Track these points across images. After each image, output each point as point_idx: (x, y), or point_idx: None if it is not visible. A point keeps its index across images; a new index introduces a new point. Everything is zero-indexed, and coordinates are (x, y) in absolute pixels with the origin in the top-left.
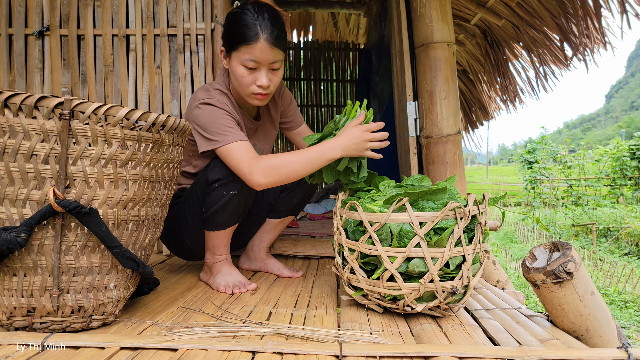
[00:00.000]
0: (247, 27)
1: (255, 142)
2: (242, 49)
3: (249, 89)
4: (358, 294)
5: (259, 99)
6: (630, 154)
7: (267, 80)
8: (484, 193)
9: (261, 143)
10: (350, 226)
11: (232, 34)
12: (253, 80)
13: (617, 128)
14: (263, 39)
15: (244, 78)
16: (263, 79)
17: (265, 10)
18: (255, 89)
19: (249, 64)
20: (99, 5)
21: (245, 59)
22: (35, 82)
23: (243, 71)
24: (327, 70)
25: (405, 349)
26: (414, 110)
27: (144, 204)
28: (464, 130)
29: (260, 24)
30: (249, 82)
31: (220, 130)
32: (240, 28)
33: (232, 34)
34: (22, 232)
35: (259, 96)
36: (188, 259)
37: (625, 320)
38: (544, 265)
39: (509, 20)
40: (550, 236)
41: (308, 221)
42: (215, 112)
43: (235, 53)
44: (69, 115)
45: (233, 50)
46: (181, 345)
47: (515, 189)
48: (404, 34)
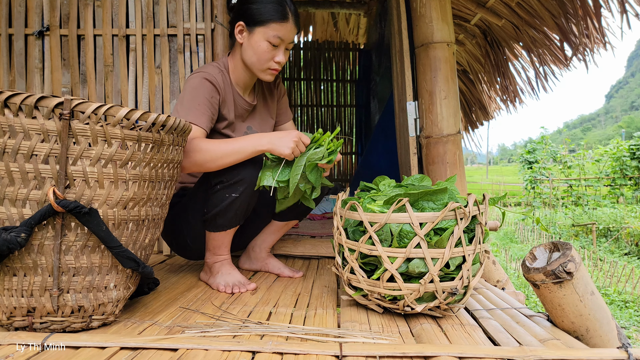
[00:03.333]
0: (281, 5)
1: (251, 124)
2: (272, 25)
3: (266, 64)
4: (358, 294)
5: (271, 74)
6: (630, 154)
7: (284, 57)
8: (484, 193)
9: (257, 127)
10: (351, 226)
11: (261, 10)
12: (272, 57)
13: (617, 128)
14: (292, 19)
15: (266, 53)
16: (282, 56)
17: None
18: (273, 65)
19: (274, 41)
20: (99, 5)
21: (272, 36)
22: (35, 82)
23: (267, 46)
24: (327, 70)
25: (405, 349)
26: (414, 110)
27: (144, 204)
28: (464, 130)
29: (289, 5)
30: (268, 57)
31: (188, 106)
32: (274, 5)
33: (261, 10)
34: (22, 232)
35: (273, 71)
36: (189, 258)
37: (625, 320)
38: (544, 265)
39: (509, 20)
40: (550, 236)
41: (308, 221)
42: (200, 85)
43: (261, 28)
44: (69, 115)
45: (259, 25)
46: (181, 345)
47: (515, 189)
48: (404, 34)
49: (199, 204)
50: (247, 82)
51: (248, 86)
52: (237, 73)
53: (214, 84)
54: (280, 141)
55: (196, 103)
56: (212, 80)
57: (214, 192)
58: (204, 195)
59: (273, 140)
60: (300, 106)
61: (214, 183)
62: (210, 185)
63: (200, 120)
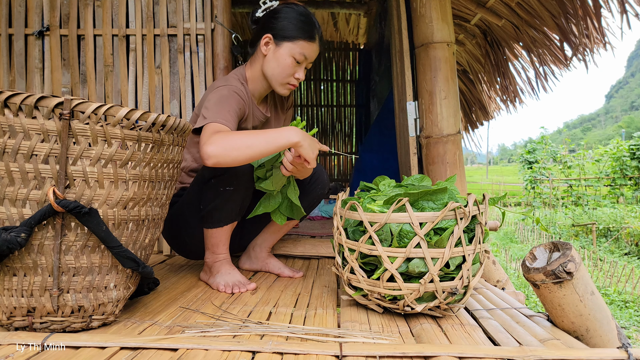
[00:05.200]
0: (311, 26)
1: None
2: (300, 42)
3: (287, 79)
4: (358, 294)
5: (288, 89)
6: (630, 154)
7: (303, 75)
8: (484, 193)
9: None
10: (351, 226)
11: (292, 26)
12: (293, 72)
13: (617, 128)
14: (318, 40)
15: (289, 68)
16: (302, 74)
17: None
18: (292, 80)
19: (299, 57)
20: (99, 5)
21: (299, 52)
22: (35, 82)
23: (292, 62)
24: (327, 70)
25: (405, 349)
26: (414, 110)
27: (144, 204)
28: (464, 130)
29: (317, 26)
30: (290, 72)
31: (218, 110)
32: (304, 24)
33: (292, 26)
34: (22, 232)
35: (291, 86)
36: (189, 258)
37: (625, 320)
38: (544, 265)
39: (509, 20)
40: (550, 236)
41: (308, 221)
42: (228, 96)
43: (288, 43)
44: (69, 115)
45: (287, 40)
46: (181, 345)
47: (515, 189)
48: (404, 34)
49: (196, 202)
50: (262, 93)
51: (262, 96)
52: (255, 84)
53: (242, 98)
54: (311, 141)
55: (226, 110)
56: (240, 95)
57: (208, 187)
58: (199, 192)
59: (305, 139)
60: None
61: (209, 177)
62: (205, 180)
63: (230, 122)
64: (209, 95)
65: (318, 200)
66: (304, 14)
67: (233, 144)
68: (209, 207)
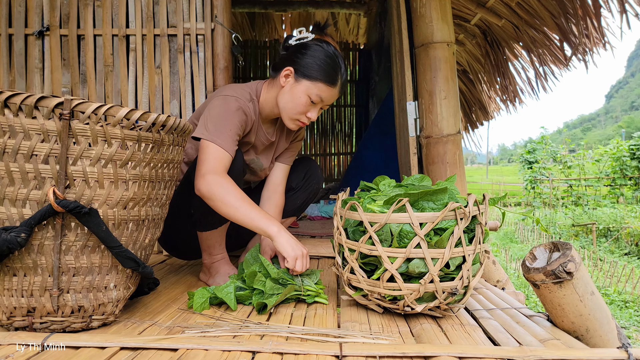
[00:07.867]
0: (334, 70)
1: (260, 157)
2: (319, 85)
3: (298, 115)
4: (358, 294)
5: (297, 125)
6: (630, 154)
7: (316, 116)
8: (484, 193)
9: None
10: (351, 226)
11: (315, 66)
12: (306, 111)
13: (617, 128)
14: (338, 86)
15: (303, 106)
16: (314, 114)
17: (343, 59)
18: (303, 118)
19: (315, 99)
20: (99, 5)
21: (315, 94)
22: (35, 82)
23: (306, 101)
24: None
25: (405, 349)
26: (414, 110)
27: (144, 204)
28: (464, 130)
29: (342, 72)
30: (303, 110)
31: (220, 128)
32: (328, 67)
33: (315, 66)
34: (22, 232)
35: (301, 124)
36: (184, 259)
37: (625, 320)
38: (544, 265)
39: (509, 20)
40: (550, 236)
41: (308, 221)
42: (232, 112)
43: (307, 82)
44: (69, 115)
45: (307, 79)
46: (181, 345)
47: (515, 189)
48: (404, 34)
49: (185, 205)
50: (271, 117)
51: (270, 117)
52: (267, 106)
53: (247, 115)
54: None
55: (228, 128)
56: (246, 112)
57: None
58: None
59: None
60: None
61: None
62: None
63: (229, 148)
64: (215, 100)
65: (314, 194)
66: (331, 56)
67: (224, 198)
68: (199, 211)
